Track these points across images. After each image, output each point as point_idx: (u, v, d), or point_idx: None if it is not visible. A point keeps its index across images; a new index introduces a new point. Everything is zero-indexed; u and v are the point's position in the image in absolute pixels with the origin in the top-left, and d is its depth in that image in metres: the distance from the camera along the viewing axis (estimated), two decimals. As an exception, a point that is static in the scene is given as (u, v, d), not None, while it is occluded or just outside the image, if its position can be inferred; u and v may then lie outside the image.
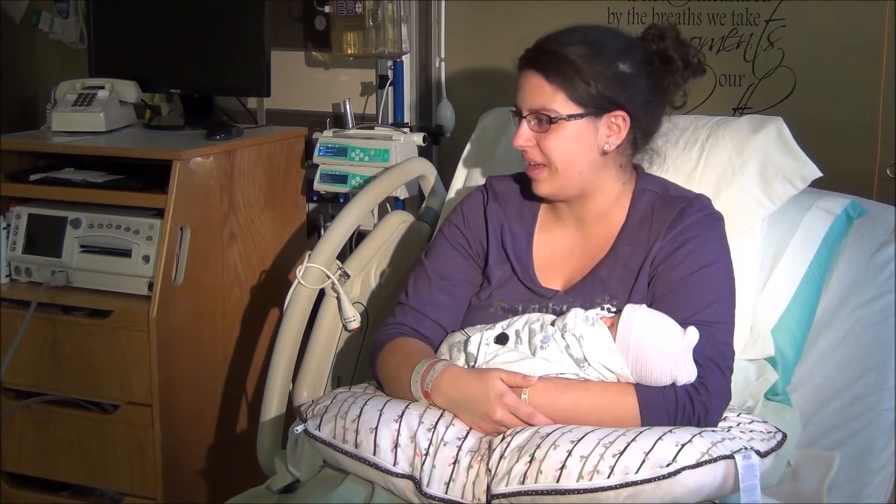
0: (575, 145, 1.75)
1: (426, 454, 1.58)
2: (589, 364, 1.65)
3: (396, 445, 1.59)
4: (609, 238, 1.81)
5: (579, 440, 1.53)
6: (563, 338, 1.66)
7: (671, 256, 1.73)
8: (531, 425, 1.61)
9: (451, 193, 2.31)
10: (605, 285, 1.76)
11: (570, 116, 1.73)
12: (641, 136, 1.81)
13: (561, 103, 1.73)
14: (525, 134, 1.76)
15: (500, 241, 1.87)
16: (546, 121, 1.74)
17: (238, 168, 2.60)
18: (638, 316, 1.66)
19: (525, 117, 1.76)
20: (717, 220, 1.79)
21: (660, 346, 1.62)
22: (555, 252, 1.85)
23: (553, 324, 1.70)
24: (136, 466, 2.44)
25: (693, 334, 1.62)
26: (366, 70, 2.86)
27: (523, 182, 1.92)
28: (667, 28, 1.84)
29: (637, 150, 1.84)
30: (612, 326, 1.66)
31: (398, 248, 2.23)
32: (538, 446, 1.53)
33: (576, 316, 1.68)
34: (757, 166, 1.99)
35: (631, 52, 1.78)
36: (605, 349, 1.64)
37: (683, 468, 1.49)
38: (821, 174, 1.99)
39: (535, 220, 1.88)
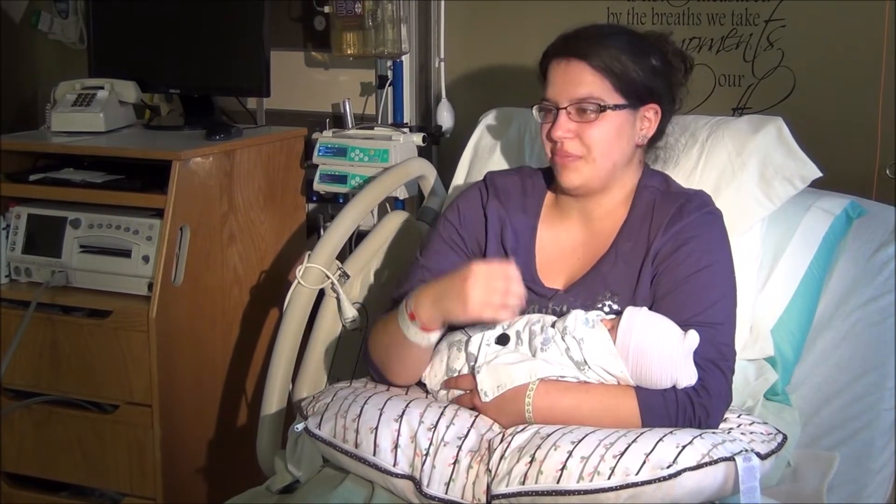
0: (616, 136, 1.75)
1: (426, 454, 1.57)
2: (589, 367, 1.64)
3: (396, 446, 1.59)
4: (611, 234, 1.80)
5: (580, 441, 1.52)
6: (564, 340, 1.66)
7: (672, 256, 1.73)
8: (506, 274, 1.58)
9: (451, 193, 2.30)
10: (606, 282, 1.76)
11: (616, 106, 1.73)
12: (659, 133, 1.84)
13: (606, 92, 1.73)
14: (565, 125, 1.75)
15: (499, 239, 1.86)
16: (594, 110, 1.73)
17: (237, 168, 2.59)
18: (638, 319, 1.65)
19: (564, 108, 1.75)
20: (717, 217, 1.79)
21: (660, 349, 1.62)
22: (557, 249, 1.84)
23: (553, 325, 1.69)
24: (136, 466, 2.44)
25: (693, 338, 1.62)
26: (365, 70, 2.86)
27: (524, 175, 1.91)
28: (666, 34, 1.87)
29: (650, 147, 1.86)
30: (613, 329, 1.66)
31: (398, 248, 2.23)
32: (539, 447, 1.53)
33: (576, 318, 1.67)
34: (757, 166, 1.99)
35: (656, 49, 1.80)
36: (604, 352, 1.64)
37: (684, 470, 1.48)
38: (820, 174, 1.99)
39: (538, 215, 1.88)
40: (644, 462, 1.48)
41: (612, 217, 1.82)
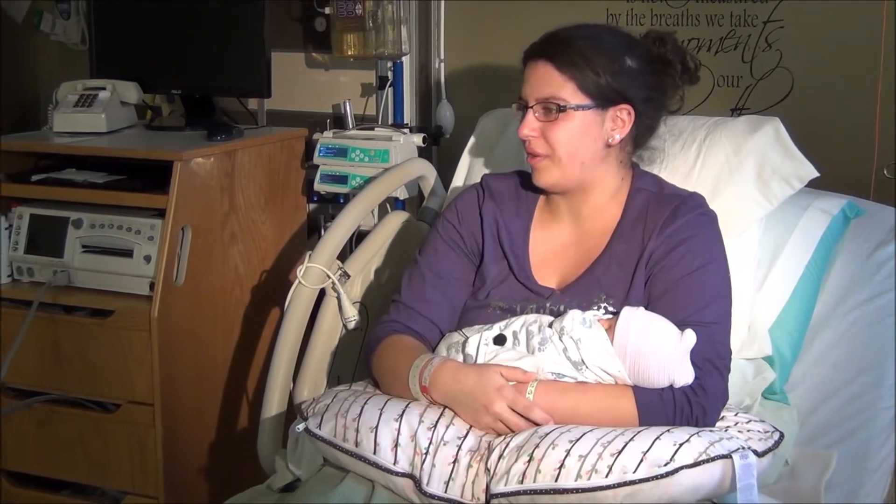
0: (580, 136, 1.76)
1: (426, 453, 1.58)
2: (587, 367, 1.65)
3: (396, 444, 1.59)
4: (604, 236, 1.81)
5: (578, 440, 1.53)
6: (561, 340, 1.66)
7: (667, 257, 1.74)
8: (528, 420, 1.61)
9: (451, 194, 2.31)
10: (600, 284, 1.76)
11: (579, 107, 1.74)
12: (642, 133, 1.83)
13: (570, 93, 1.74)
14: (531, 124, 1.77)
15: (496, 239, 1.87)
16: (555, 109, 1.74)
17: (239, 168, 2.60)
18: (635, 319, 1.66)
19: (531, 107, 1.77)
20: (711, 218, 1.80)
21: (657, 349, 1.62)
22: (550, 248, 1.85)
23: (551, 325, 1.70)
24: (138, 465, 2.45)
25: (690, 337, 1.62)
26: (366, 71, 2.86)
27: (519, 179, 1.92)
28: (666, 33, 1.86)
29: (637, 148, 1.85)
30: (610, 329, 1.66)
31: (398, 247, 2.24)
32: (537, 446, 1.53)
33: (573, 318, 1.67)
34: (754, 166, 1.99)
35: (636, 49, 1.80)
36: (602, 352, 1.64)
37: (681, 467, 1.49)
38: (818, 174, 1.99)
39: (531, 217, 1.89)
40: (641, 460, 1.49)
41: (601, 216, 1.82)
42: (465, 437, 1.61)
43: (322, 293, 2.10)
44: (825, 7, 2.44)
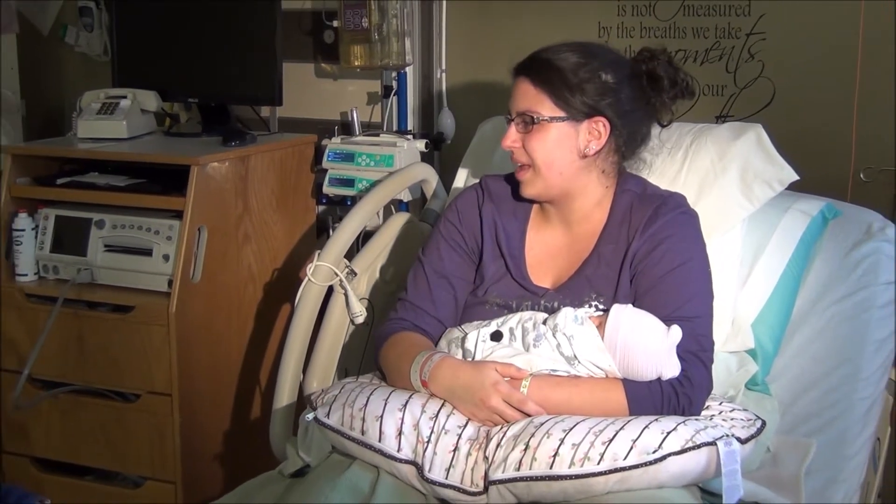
0: (556, 146, 1.75)
1: (428, 442, 1.58)
2: (579, 362, 1.65)
3: (400, 433, 1.59)
4: (593, 238, 1.81)
5: (571, 429, 1.53)
6: (555, 336, 1.66)
7: (650, 255, 1.73)
8: (523, 412, 1.61)
9: (451, 196, 2.30)
10: (591, 283, 1.76)
11: (552, 119, 1.74)
12: (623, 144, 1.81)
13: (545, 107, 1.75)
14: (512, 135, 1.78)
15: (494, 238, 1.87)
16: (530, 122, 1.75)
17: (252, 172, 2.60)
18: (624, 316, 1.66)
19: (513, 119, 1.78)
20: (691, 217, 1.79)
21: (645, 344, 1.62)
22: (544, 251, 1.85)
23: (545, 322, 1.69)
24: (157, 452, 2.45)
25: (676, 333, 1.62)
26: (371, 81, 2.86)
27: (515, 182, 1.92)
28: (658, 50, 1.85)
29: (625, 158, 1.84)
30: (601, 326, 1.66)
31: (401, 247, 2.23)
32: (532, 435, 1.54)
33: (566, 316, 1.67)
34: (737, 170, 1.99)
35: (617, 66, 1.79)
36: (593, 348, 1.64)
37: (669, 454, 1.49)
38: (798, 178, 1.99)
39: (527, 220, 1.88)
40: (631, 448, 1.49)
41: (590, 221, 1.82)
42: (465, 426, 1.61)
43: (330, 290, 2.10)
44: (805, 20, 2.43)
